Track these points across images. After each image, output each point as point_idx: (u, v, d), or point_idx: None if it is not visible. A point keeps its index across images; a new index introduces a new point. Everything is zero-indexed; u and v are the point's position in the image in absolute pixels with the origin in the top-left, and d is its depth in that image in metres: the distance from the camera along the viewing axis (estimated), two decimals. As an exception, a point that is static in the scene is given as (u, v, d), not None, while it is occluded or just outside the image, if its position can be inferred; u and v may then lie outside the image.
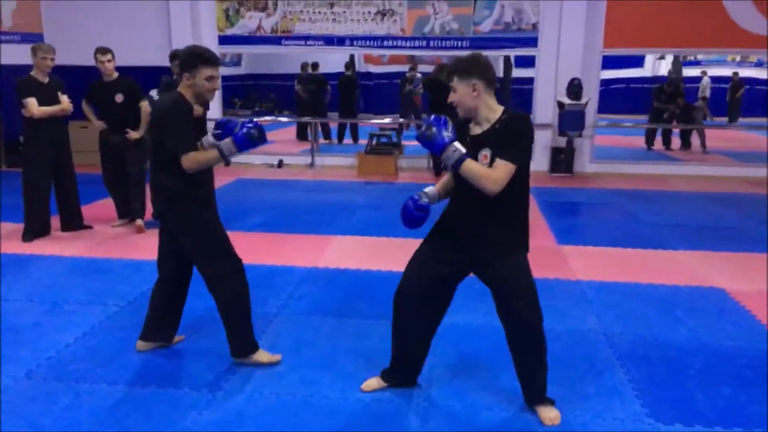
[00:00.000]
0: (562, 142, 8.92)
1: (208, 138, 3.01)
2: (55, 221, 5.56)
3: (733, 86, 16.83)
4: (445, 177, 2.73)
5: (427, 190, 2.67)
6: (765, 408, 2.78)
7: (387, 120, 12.87)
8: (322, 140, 11.89)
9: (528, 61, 14.89)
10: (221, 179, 6.87)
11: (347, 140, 12.72)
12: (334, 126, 12.73)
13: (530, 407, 2.74)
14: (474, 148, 2.45)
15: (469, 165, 2.39)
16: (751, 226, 6.17)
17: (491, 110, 2.46)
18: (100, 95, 5.60)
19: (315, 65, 12.61)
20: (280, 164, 9.61)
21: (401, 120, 12.62)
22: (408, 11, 9.25)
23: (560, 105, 8.58)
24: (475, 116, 2.49)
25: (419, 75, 14.27)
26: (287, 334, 3.54)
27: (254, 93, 18.26)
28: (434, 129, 2.41)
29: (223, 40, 9.56)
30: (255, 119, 3.07)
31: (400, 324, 2.77)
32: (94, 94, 5.62)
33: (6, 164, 9.07)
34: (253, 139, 2.84)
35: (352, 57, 14.76)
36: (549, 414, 2.69)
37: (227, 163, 2.88)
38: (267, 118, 14.49)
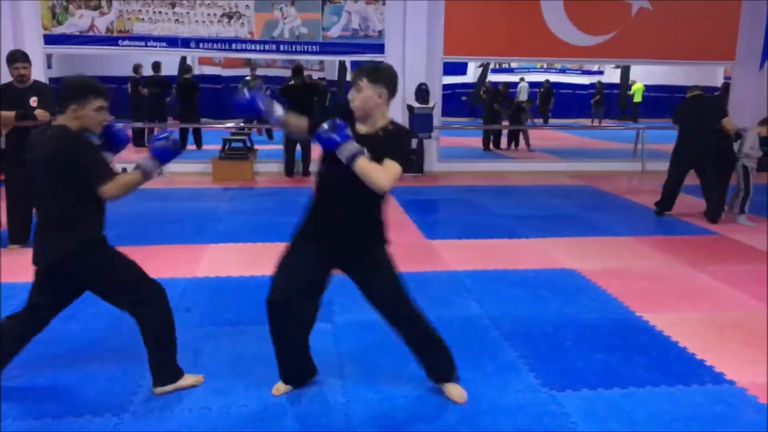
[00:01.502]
0: (412, 143, 9.39)
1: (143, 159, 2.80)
2: None
3: (545, 91, 18.86)
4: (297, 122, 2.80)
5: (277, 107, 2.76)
6: (635, 369, 3.24)
7: (230, 124, 12.55)
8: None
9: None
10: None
11: (190, 146, 12.21)
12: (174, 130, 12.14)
13: (438, 386, 2.94)
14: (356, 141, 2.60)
15: (363, 162, 2.49)
16: (582, 213, 7.01)
17: (382, 118, 2.67)
18: None
19: (156, 66, 11.90)
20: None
21: (245, 125, 12.41)
22: (255, 14, 9.14)
23: (410, 109, 9.03)
24: (368, 119, 2.65)
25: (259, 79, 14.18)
26: (184, 348, 3.36)
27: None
28: (333, 127, 2.50)
29: (50, 39, 8.72)
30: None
31: (277, 330, 2.79)
32: None
33: None
34: (171, 149, 2.74)
35: (183, 59, 14.17)
36: (454, 391, 2.90)
37: (149, 178, 2.76)
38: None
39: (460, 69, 20.31)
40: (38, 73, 6.86)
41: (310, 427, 2.66)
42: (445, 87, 13.58)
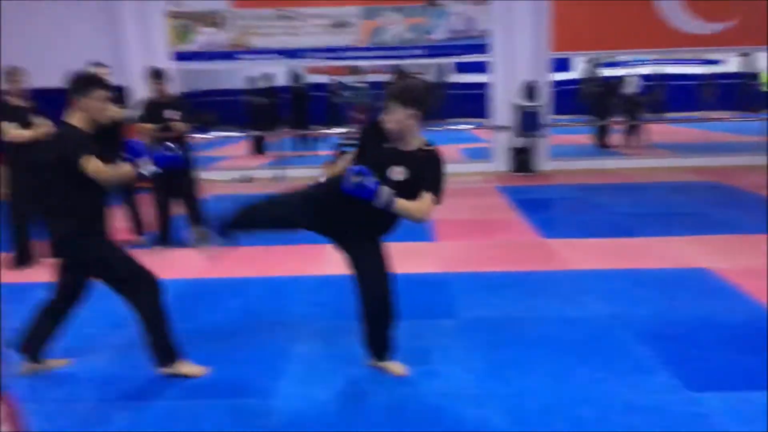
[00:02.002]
0: (519, 142, 9.29)
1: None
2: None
3: (658, 83, 17.95)
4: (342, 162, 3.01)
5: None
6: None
7: (340, 130, 12.97)
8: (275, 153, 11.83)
9: (470, 67, 15.51)
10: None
11: (302, 152, 12.75)
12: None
13: (377, 366, 3.12)
14: (391, 158, 2.79)
15: (402, 204, 2.71)
16: (708, 210, 6.63)
17: (415, 137, 2.84)
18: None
19: (269, 77, 12.55)
20: (250, 179, 9.53)
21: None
22: (363, 22, 9.40)
23: (518, 107, 8.93)
24: (402, 138, 2.82)
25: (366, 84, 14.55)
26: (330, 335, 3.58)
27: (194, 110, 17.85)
28: (362, 178, 2.64)
29: (177, 57, 9.42)
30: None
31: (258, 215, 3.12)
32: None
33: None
34: (168, 155, 3.07)
35: (293, 69, 14.78)
36: (396, 367, 3.10)
37: (141, 176, 3.03)
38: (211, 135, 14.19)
39: (564, 65, 19.73)
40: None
41: (443, 420, 2.73)
42: (555, 84, 13.17)
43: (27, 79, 5.06)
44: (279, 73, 14.12)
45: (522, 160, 9.29)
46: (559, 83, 19.34)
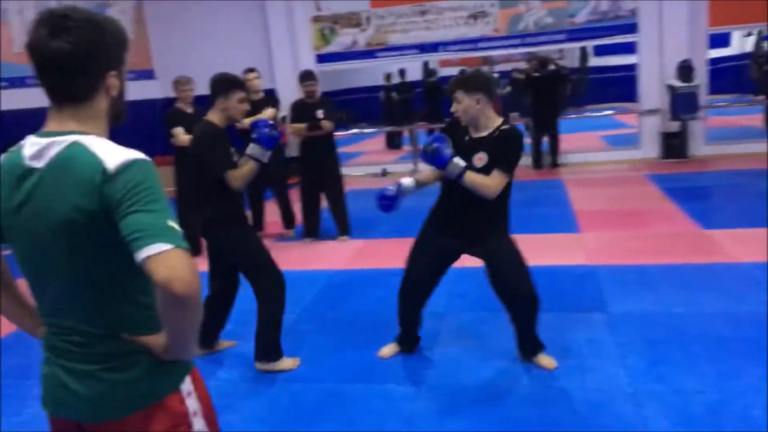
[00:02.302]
0: (671, 126, 8.67)
1: (249, 147, 3.19)
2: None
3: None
4: (426, 172, 3.13)
5: (404, 180, 3.06)
6: None
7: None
8: (407, 147, 12.01)
9: (609, 49, 14.65)
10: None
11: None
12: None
13: (527, 359, 3.12)
14: (472, 148, 2.88)
15: (470, 176, 2.79)
16: None
17: (489, 119, 2.90)
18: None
19: (402, 73, 12.78)
20: (384, 173, 9.80)
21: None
22: (501, 11, 9.26)
23: (671, 89, 8.33)
24: (475, 124, 2.90)
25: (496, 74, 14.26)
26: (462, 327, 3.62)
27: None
28: (436, 146, 2.79)
29: (320, 58, 9.86)
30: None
31: (406, 303, 3.23)
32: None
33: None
34: (272, 136, 3.11)
35: (425, 63, 14.84)
36: (546, 361, 3.07)
37: (264, 164, 3.15)
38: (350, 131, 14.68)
39: (721, 40, 18.01)
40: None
41: (599, 418, 2.65)
42: (711, 62, 12.15)
43: (194, 87, 5.58)
44: (413, 68, 14.28)
45: (674, 145, 8.65)
46: (715, 60, 17.77)
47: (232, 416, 2.87)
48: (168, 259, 1.11)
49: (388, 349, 3.36)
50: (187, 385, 1.34)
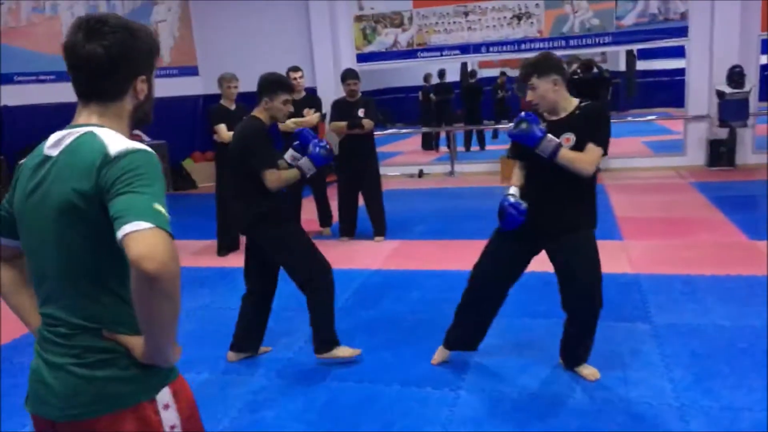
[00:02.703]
0: (719, 133, 8.42)
1: (289, 152, 3.29)
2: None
3: None
4: (515, 174, 2.94)
5: (512, 191, 2.85)
6: None
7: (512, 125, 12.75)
8: (444, 148, 11.94)
9: (653, 53, 14.28)
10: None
11: (474, 147, 12.75)
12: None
13: (570, 369, 3.03)
14: (553, 132, 2.68)
15: (565, 152, 2.64)
16: None
17: (567, 101, 2.76)
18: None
19: (442, 74, 12.71)
20: (421, 174, 9.76)
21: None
22: (545, 12, 9.13)
23: (720, 94, 8.09)
24: (555, 108, 2.75)
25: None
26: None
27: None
28: (528, 124, 2.64)
29: (361, 58, 9.87)
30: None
31: (475, 299, 3.06)
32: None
33: (173, 188, 9.84)
34: (325, 157, 3.17)
35: (464, 65, 14.72)
36: (588, 371, 2.98)
37: (306, 178, 3.29)
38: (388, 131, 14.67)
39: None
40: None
41: (646, 429, 2.58)
42: (763, 68, 11.79)
43: (238, 85, 5.63)
44: (453, 68, 14.19)
45: (722, 152, 8.40)
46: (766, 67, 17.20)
47: (268, 412, 2.88)
48: (145, 238, 1.08)
49: (439, 355, 3.26)
50: (164, 396, 1.29)
